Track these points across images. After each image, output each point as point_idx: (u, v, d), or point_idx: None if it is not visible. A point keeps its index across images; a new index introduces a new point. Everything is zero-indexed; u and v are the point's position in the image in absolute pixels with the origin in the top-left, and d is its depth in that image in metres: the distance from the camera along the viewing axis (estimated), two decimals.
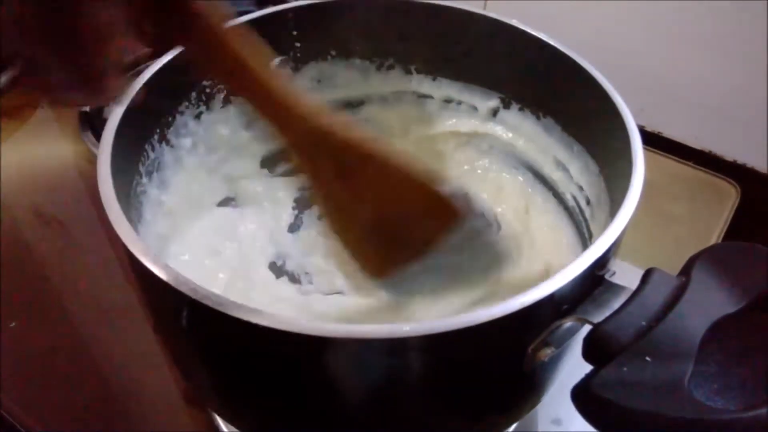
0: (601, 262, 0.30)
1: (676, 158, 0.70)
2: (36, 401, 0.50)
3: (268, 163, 0.55)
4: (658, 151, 0.70)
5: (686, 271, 0.30)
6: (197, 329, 0.32)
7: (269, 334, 0.27)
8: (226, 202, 0.52)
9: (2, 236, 0.62)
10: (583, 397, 0.27)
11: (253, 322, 0.27)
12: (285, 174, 0.54)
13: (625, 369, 0.27)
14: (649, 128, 0.71)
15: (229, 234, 0.49)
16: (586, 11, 0.70)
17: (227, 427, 0.48)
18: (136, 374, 0.52)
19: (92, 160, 0.69)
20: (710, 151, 0.70)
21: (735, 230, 0.62)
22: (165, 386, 0.51)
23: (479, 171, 0.55)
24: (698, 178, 0.68)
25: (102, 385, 0.51)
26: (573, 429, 0.47)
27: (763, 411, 0.24)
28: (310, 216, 0.54)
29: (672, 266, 0.31)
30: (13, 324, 0.55)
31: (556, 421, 0.48)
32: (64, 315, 0.56)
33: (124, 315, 0.55)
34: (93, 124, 0.72)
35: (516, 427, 0.47)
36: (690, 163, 0.69)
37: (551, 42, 0.43)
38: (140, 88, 0.39)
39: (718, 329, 0.27)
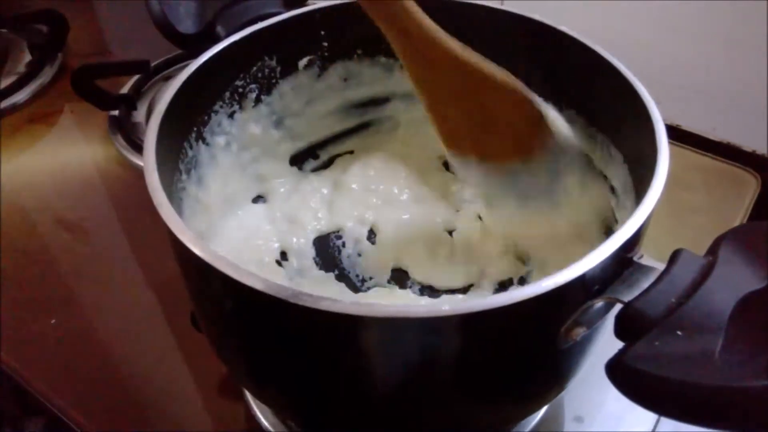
0: (631, 243, 0.31)
1: (696, 149, 0.70)
2: (73, 390, 0.52)
3: (298, 160, 0.56)
4: (678, 143, 0.71)
5: (713, 250, 0.31)
6: (242, 312, 0.33)
7: (310, 314, 0.28)
8: (258, 199, 0.54)
9: (27, 240, 0.64)
10: (617, 369, 0.28)
11: (295, 302, 0.28)
12: (314, 170, 0.56)
13: (656, 343, 0.28)
14: (667, 121, 0.72)
15: (264, 229, 0.51)
16: (601, 5, 0.71)
17: (263, 415, 0.50)
18: (167, 372, 0.53)
19: (122, 162, 0.72)
20: (729, 142, 0.71)
21: (756, 219, 0.62)
22: (199, 380, 0.53)
23: None
24: (718, 168, 0.68)
25: (135, 382, 0.53)
26: (595, 425, 0.48)
27: None
28: None
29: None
30: (53, 321, 0.57)
31: (578, 419, 0.49)
32: (87, 316, 0.58)
33: (146, 317, 0.57)
34: (123, 126, 0.75)
35: (540, 423, 0.48)
36: (709, 154, 0.70)
37: (573, 34, 0.44)
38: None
39: (746, 304, 0.28)
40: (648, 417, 0.48)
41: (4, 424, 0.54)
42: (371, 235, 0.55)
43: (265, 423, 0.49)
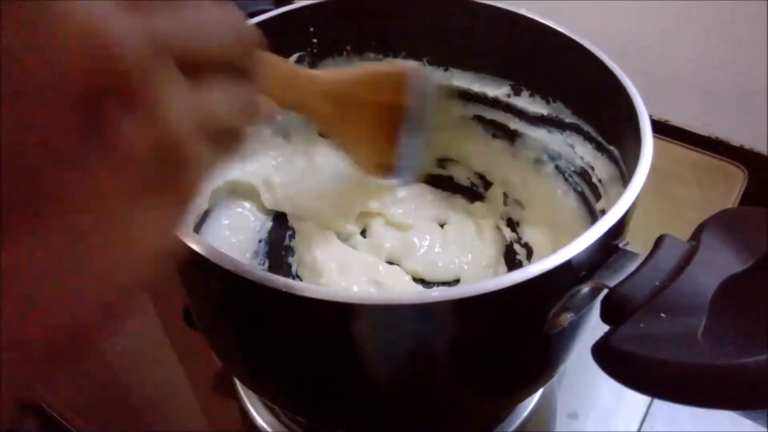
0: (616, 230, 0.32)
1: (685, 144, 0.71)
2: (68, 389, 0.52)
3: None
4: (667, 138, 0.71)
5: (696, 235, 0.32)
6: (237, 304, 0.34)
7: (304, 303, 0.29)
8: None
9: None
10: (603, 351, 0.28)
11: (288, 291, 0.28)
12: None
13: (641, 325, 0.28)
14: (655, 117, 0.73)
15: (255, 225, 0.51)
16: (589, 1, 0.72)
17: (257, 413, 0.50)
18: (161, 370, 0.54)
19: None
20: (717, 137, 0.72)
21: None
22: (193, 379, 0.53)
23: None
24: (706, 162, 0.69)
25: (130, 381, 0.54)
26: (589, 422, 0.49)
27: (764, 357, 0.25)
28: None
29: None
30: None
31: (573, 416, 0.49)
32: None
33: (140, 316, 0.57)
34: None
35: (533, 419, 0.49)
36: (698, 149, 0.71)
37: (560, 29, 0.45)
38: None
39: (728, 287, 0.29)
40: (642, 410, 0.48)
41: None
42: (363, 229, 0.55)
43: (259, 420, 0.49)
